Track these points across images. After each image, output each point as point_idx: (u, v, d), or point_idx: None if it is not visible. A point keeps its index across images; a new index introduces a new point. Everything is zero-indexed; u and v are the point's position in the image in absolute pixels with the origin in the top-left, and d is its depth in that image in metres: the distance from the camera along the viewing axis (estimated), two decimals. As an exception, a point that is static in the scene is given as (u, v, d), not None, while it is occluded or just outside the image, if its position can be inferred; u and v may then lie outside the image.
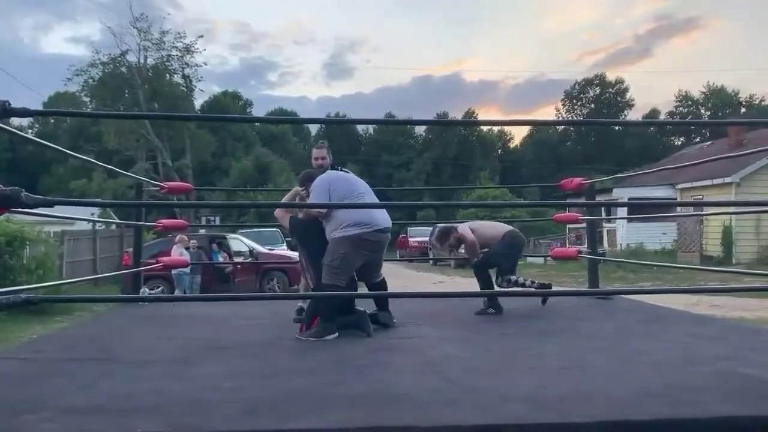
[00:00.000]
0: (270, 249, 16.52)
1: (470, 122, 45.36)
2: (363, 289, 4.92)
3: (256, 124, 50.72)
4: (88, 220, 15.64)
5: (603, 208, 18.89)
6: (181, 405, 2.66)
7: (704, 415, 2.44)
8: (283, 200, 4.99)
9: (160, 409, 2.60)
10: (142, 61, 31.63)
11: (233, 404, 2.63)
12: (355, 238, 4.40)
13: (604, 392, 2.75)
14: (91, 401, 2.69)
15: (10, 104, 2.61)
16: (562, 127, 58.14)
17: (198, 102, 38.44)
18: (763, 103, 51.34)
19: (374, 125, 53.49)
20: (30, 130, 46.75)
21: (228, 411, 2.56)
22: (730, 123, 22.29)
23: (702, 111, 55.17)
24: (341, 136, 52.23)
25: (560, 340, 4.22)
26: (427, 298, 6.13)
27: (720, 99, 53.61)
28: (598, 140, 54.24)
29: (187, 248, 12.35)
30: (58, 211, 3.65)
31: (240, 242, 15.74)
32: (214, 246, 14.87)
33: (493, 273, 5.58)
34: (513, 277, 5.49)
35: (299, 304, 5.06)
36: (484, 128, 56.43)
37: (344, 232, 4.42)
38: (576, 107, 57.33)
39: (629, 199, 21.32)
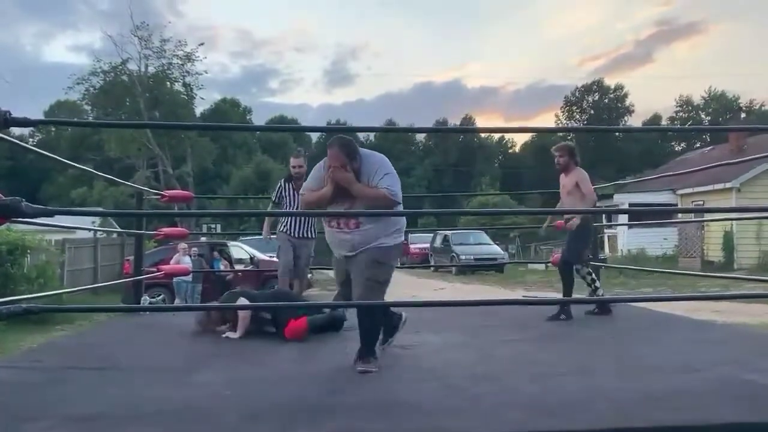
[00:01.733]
0: (271, 257, 16.49)
1: (470, 129, 45.45)
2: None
3: (257, 131, 50.84)
4: (89, 229, 15.65)
5: (604, 214, 18.84)
6: (181, 413, 2.65)
7: (706, 421, 2.43)
8: (314, 179, 3.78)
9: (160, 416, 2.60)
10: (142, 69, 31.70)
11: (233, 412, 2.63)
12: (400, 247, 3.81)
13: (606, 398, 2.74)
14: (92, 409, 2.69)
15: (11, 114, 2.62)
16: (563, 134, 58.16)
17: (199, 109, 38.55)
18: (763, 108, 51.38)
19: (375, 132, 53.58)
20: (31, 139, 46.88)
21: (228, 419, 2.55)
22: (730, 129, 22.33)
23: (702, 116, 55.21)
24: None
25: (562, 346, 4.22)
26: (444, 306, 6.12)
27: (721, 104, 53.64)
28: (599, 146, 54.24)
29: (189, 256, 12.36)
30: (59, 219, 3.66)
31: (241, 250, 15.72)
32: (215, 254, 14.85)
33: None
34: (589, 270, 5.71)
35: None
36: (484, 134, 56.52)
37: (395, 239, 3.72)
38: (575, 113, 57.41)
39: (630, 205, 21.31)
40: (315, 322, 4.56)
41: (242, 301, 4.70)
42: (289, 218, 6.00)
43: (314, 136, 57.11)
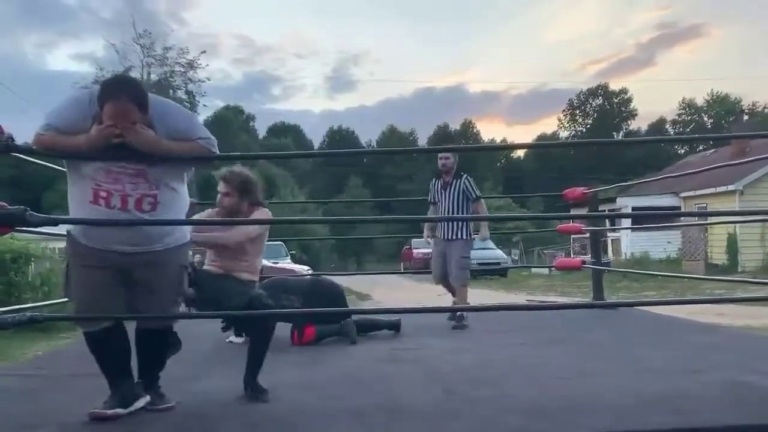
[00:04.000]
0: (274, 262, 16.51)
1: (475, 148, 45.50)
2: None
3: (259, 138, 50.93)
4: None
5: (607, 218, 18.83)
6: (183, 420, 2.66)
7: (710, 424, 2.43)
8: (66, 116, 2.51)
9: (163, 424, 2.61)
10: (145, 77, 31.86)
11: (236, 419, 2.64)
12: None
13: (607, 402, 2.74)
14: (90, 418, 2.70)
15: (13, 140, 2.61)
16: (565, 136, 58.12)
17: (202, 117, 38.66)
18: (765, 110, 51.28)
19: (376, 136, 53.63)
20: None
21: (231, 426, 2.56)
22: (732, 136, 22.29)
23: (705, 119, 55.18)
24: (344, 148, 52.39)
25: (564, 350, 4.22)
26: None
27: (723, 107, 53.59)
28: (601, 149, 54.24)
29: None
30: (62, 229, 3.68)
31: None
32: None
33: None
34: None
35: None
36: (486, 139, 56.62)
37: (185, 231, 2.90)
38: (579, 117, 57.39)
39: (633, 208, 21.27)
40: (323, 333, 4.60)
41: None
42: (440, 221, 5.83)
43: (317, 142, 57.33)
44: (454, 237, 5.57)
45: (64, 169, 2.67)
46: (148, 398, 2.72)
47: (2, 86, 37.76)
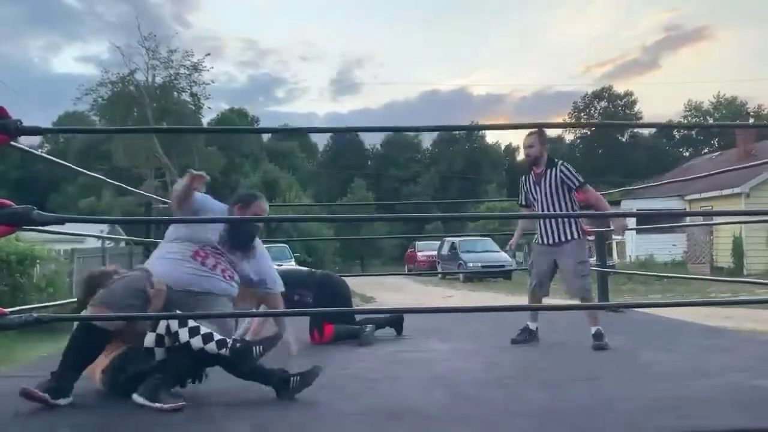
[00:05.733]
0: (278, 265, 16.52)
1: (475, 127, 45.50)
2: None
3: (264, 140, 50.96)
4: (98, 237, 15.69)
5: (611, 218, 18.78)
6: (189, 422, 2.66)
7: (716, 428, 2.42)
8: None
9: (168, 426, 2.60)
10: (150, 79, 31.98)
11: (243, 420, 2.63)
12: None
13: (615, 406, 2.73)
14: (99, 420, 2.70)
15: (21, 123, 2.65)
16: (570, 139, 58.07)
17: (206, 119, 38.81)
18: (771, 113, 51.12)
19: (381, 140, 53.69)
20: (40, 149, 47.16)
21: (238, 427, 2.55)
22: (737, 126, 22.22)
23: (711, 122, 55.06)
24: (348, 150, 52.45)
25: (571, 353, 4.21)
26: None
27: (730, 110, 53.47)
28: (607, 152, 54.19)
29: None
30: (68, 228, 3.69)
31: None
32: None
33: None
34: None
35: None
36: (491, 142, 56.49)
37: None
38: (583, 120, 57.28)
39: (638, 210, 21.23)
40: (341, 333, 4.61)
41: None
42: (537, 221, 4.62)
43: (321, 144, 57.40)
44: (563, 239, 4.43)
45: (74, 167, 2.73)
46: (70, 400, 2.83)
47: (7, 87, 37.93)
